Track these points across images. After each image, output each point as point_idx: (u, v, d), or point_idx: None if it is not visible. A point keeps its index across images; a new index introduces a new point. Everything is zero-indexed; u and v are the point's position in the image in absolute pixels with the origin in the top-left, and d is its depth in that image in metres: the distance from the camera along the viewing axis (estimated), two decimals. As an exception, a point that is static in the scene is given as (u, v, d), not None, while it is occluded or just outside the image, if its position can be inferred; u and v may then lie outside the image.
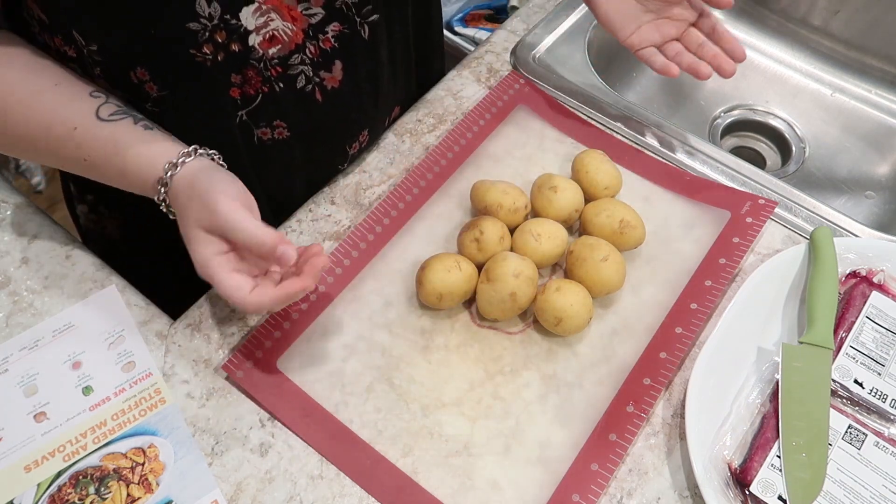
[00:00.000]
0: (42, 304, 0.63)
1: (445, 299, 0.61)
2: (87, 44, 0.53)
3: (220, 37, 0.54)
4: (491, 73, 0.81)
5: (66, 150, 0.55)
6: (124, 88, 0.56)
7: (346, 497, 0.54)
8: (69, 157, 0.56)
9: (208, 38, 0.53)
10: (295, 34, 0.58)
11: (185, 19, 0.52)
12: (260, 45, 0.56)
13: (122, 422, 0.57)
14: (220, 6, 0.52)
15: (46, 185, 1.78)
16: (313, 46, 0.60)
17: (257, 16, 0.54)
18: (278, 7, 0.55)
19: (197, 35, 0.52)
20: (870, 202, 0.91)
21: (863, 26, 0.97)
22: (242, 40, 0.55)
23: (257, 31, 0.55)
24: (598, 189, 0.68)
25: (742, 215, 0.68)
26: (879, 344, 0.60)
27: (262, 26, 0.55)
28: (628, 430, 0.57)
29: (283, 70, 0.59)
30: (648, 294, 0.65)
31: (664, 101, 1.01)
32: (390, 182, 0.72)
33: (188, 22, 0.52)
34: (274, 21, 0.56)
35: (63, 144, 0.54)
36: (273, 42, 0.57)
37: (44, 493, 0.54)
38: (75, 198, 0.79)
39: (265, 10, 0.55)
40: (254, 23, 0.55)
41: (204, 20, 0.52)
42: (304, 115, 0.63)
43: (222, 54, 0.55)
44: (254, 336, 0.61)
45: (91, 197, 0.77)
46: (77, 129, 0.54)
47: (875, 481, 0.54)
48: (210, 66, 0.55)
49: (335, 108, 0.65)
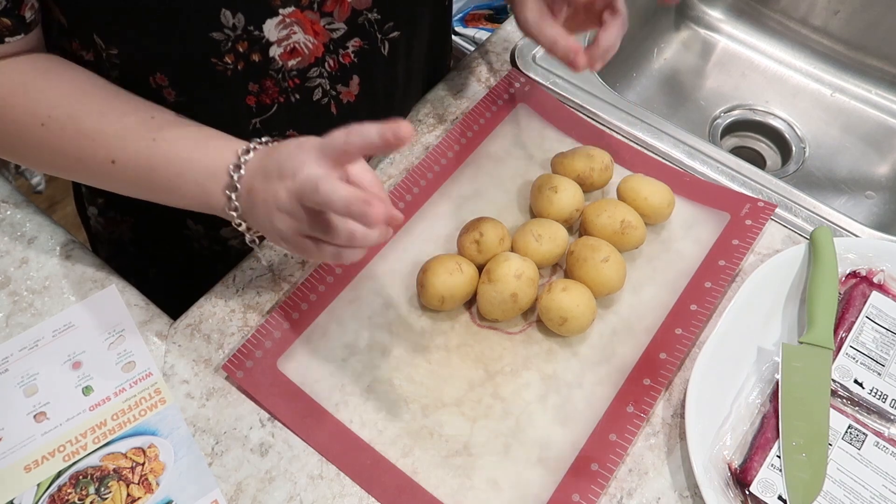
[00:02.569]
0: (42, 304, 0.63)
1: (448, 302, 0.61)
2: (106, 48, 0.53)
3: (242, 47, 0.54)
4: (491, 73, 0.81)
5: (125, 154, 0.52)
6: (140, 94, 0.56)
7: (346, 497, 0.54)
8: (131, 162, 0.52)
9: (230, 49, 0.53)
10: (315, 48, 0.58)
11: (210, 29, 0.51)
12: (280, 56, 0.56)
13: (122, 422, 0.57)
14: (244, 17, 0.52)
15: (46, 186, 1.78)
16: (333, 60, 0.60)
17: (280, 28, 0.54)
18: (302, 21, 0.55)
19: (220, 45, 0.52)
20: (870, 202, 0.91)
21: (863, 26, 0.97)
22: (263, 51, 0.55)
23: (279, 43, 0.55)
24: (659, 211, 0.67)
25: (741, 217, 0.68)
26: (879, 344, 0.60)
27: (284, 39, 0.55)
28: (628, 430, 0.57)
29: (301, 82, 0.59)
30: (648, 294, 0.65)
31: (664, 101, 1.01)
32: (390, 182, 0.72)
33: (212, 31, 0.52)
34: (296, 34, 0.56)
35: (139, 135, 0.51)
36: (293, 54, 0.57)
37: (44, 493, 0.54)
38: (86, 199, 0.79)
39: (288, 23, 0.55)
40: (276, 35, 0.55)
41: (228, 30, 0.52)
42: (317, 127, 0.63)
43: (242, 63, 0.55)
44: (254, 336, 0.61)
45: (102, 200, 0.77)
46: (154, 118, 0.51)
47: (875, 481, 0.54)
48: (230, 75, 0.54)
49: (349, 121, 0.65)
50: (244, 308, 0.64)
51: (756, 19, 1.04)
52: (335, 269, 0.65)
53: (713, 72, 1.04)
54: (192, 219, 0.71)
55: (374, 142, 0.43)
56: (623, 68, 1.00)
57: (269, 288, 0.65)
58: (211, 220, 0.69)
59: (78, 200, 0.81)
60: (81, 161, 0.53)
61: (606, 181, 0.70)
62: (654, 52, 1.04)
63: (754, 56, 1.03)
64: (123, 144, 0.52)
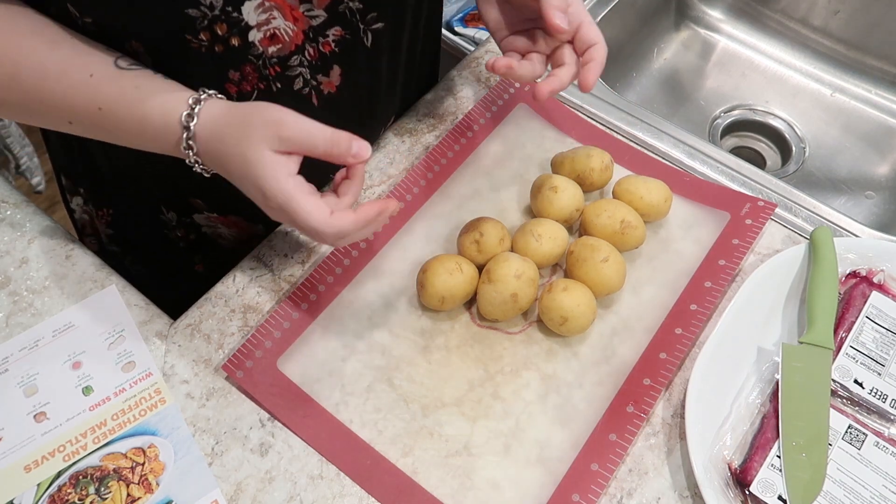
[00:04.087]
0: (42, 304, 0.63)
1: (447, 302, 0.61)
2: (81, 16, 0.52)
3: (221, 29, 0.53)
4: (491, 72, 0.81)
5: (80, 98, 0.52)
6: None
7: (346, 497, 0.54)
8: (82, 108, 0.52)
9: (206, 27, 0.53)
10: (296, 35, 0.57)
11: (185, 4, 0.51)
12: (260, 42, 0.56)
13: (122, 422, 0.57)
14: None
15: (46, 186, 1.78)
16: (312, 49, 0.59)
17: (259, 12, 0.54)
18: (281, 6, 0.55)
19: (195, 21, 0.52)
20: (870, 202, 0.91)
21: (863, 26, 0.97)
22: (243, 35, 0.55)
23: (258, 27, 0.55)
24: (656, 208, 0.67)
25: (741, 217, 0.68)
26: (879, 344, 0.60)
27: (264, 23, 0.55)
28: (628, 430, 0.57)
29: (282, 70, 0.59)
30: (648, 294, 0.65)
31: (664, 101, 1.01)
32: (390, 182, 0.72)
33: (187, 8, 0.51)
34: (276, 19, 0.55)
35: (78, 91, 0.51)
36: (274, 41, 0.56)
37: (44, 493, 0.54)
38: (68, 190, 0.79)
39: (268, 6, 0.54)
40: (255, 19, 0.54)
41: (204, 8, 0.51)
42: None
43: (221, 47, 0.54)
44: (254, 336, 0.61)
45: (83, 190, 0.76)
46: (94, 76, 0.51)
47: (875, 481, 0.54)
48: (205, 53, 0.54)
49: (330, 114, 0.65)
50: (244, 308, 0.64)
51: (756, 19, 1.04)
52: (335, 269, 0.65)
53: (713, 72, 1.04)
54: (165, 205, 0.71)
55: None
56: (623, 68, 1.00)
57: (269, 288, 0.65)
58: (182, 206, 0.70)
59: (62, 193, 0.81)
60: (40, 113, 0.54)
61: (606, 181, 0.70)
62: (654, 52, 1.05)
63: (754, 56, 1.03)
64: (74, 107, 0.53)
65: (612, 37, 0.94)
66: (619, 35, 0.96)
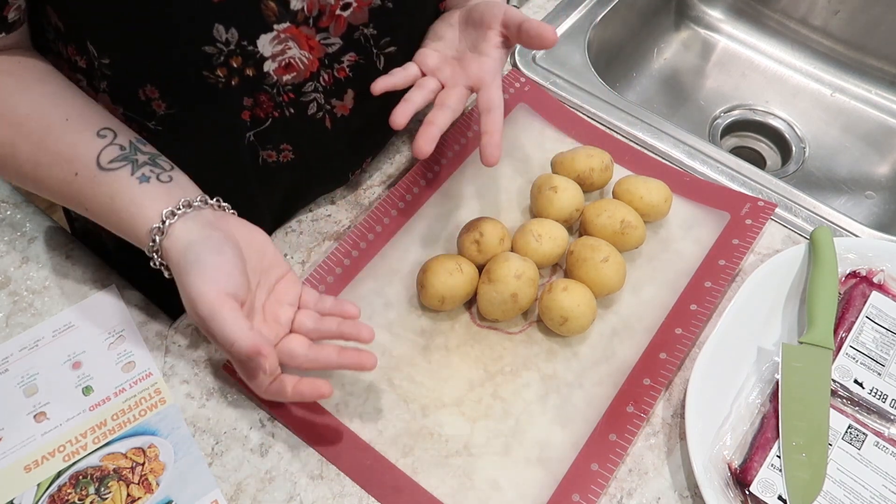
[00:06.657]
0: (42, 304, 0.63)
1: (448, 302, 0.61)
2: (99, 56, 0.53)
3: (236, 62, 0.53)
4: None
5: (69, 194, 0.54)
6: (129, 105, 0.56)
7: (346, 497, 0.54)
8: (72, 202, 0.55)
9: (223, 63, 0.53)
10: (311, 63, 0.58)
11: (202, 42, 0.51)
12: (275, 71, 0.56)
13: (122, 422, 0.57)
14: (237, 32, 0.52)
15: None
16: (327, 75, 0.60)
17: (275, 44, 0.54)
18: (297, 36, 0.55)
19: (212, 58, 0.52)
20: (870, 202, 0.91)
21: (863, 26, 0.97)
22: (258, 66, 0.55)
23: (273, 58, 0.55)
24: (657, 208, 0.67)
25: (741, 217, 0.68)
26: (879, 344, 0.60)
27: (279, 54, 0.55)
28: (628, 430, 0.57)
29: (296, 97, 0.59)
30: (648, 294, 0.65)
31: (664, 101, 1.01)
32: (390, 182, 0.72)
33: (204, 45, 0.51)
34: (291, 49, 0.55)
35: (66, 188, 0.54)
36: (288, 70, 0.56)
37: (44, 493, 0.54)
38: None
39: (283, 38, 0.54)
40: (270, 50, 0.54)
41: (220, 45, 0.52)
42: (311, 141, 0.63)
43: (236, 79, 0.54)
44: (254, 336, 0.61)
45: None
46: (78, 175, 0.53)
47: (875, 481, 0.54)
48: (222, 88, 0.54)
49: (343, 135, 0.65)
50: (244, 308, 0.64)
51: (756, 19, 1.04)
52: (335, 269, 0.65)
53: (713, 72, 1.04)
54: None
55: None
56: (623, 68, 1.00)
57: (269, 288, 0.65)
58: None
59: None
60: (40, 193, 0.57)
61: (606, 181, 0.70)
62: (654, 52, 1.05)
63: (754, 56, 1.03)
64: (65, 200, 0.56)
65: (612, 37, 0.94)
66: (619, 35, 0.96)
